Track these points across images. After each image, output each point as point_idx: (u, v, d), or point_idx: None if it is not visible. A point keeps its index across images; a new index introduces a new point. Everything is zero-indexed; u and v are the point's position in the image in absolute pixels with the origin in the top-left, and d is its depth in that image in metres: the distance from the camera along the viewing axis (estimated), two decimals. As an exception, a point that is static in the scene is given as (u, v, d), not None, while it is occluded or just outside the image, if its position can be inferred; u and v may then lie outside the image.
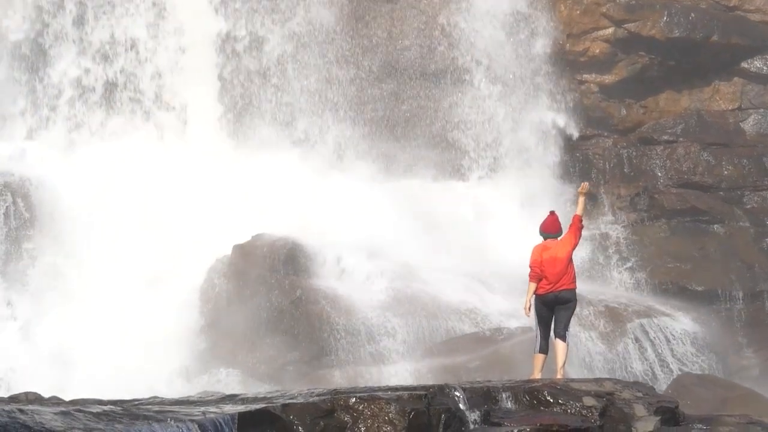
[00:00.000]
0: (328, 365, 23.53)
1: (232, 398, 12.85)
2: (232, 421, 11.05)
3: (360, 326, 24.00)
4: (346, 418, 12.22)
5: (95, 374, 22.07)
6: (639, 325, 24.96)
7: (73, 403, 11.94)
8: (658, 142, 30.26)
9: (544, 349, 16.22)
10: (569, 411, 13.65)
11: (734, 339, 26.57)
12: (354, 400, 12.34)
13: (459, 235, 27.21)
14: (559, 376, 15.72)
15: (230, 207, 25.82)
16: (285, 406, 11.90)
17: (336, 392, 12.76)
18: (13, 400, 12.90)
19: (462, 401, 13.10)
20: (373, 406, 12.30)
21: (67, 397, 13.09)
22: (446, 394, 13.06)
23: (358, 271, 25.15)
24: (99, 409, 10.91)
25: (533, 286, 16.20)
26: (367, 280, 25.03)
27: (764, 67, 30.81)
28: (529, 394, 13.83)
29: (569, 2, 30.24)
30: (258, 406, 11.80)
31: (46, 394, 13.74)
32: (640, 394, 14.41)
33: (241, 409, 11.56)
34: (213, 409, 11.49)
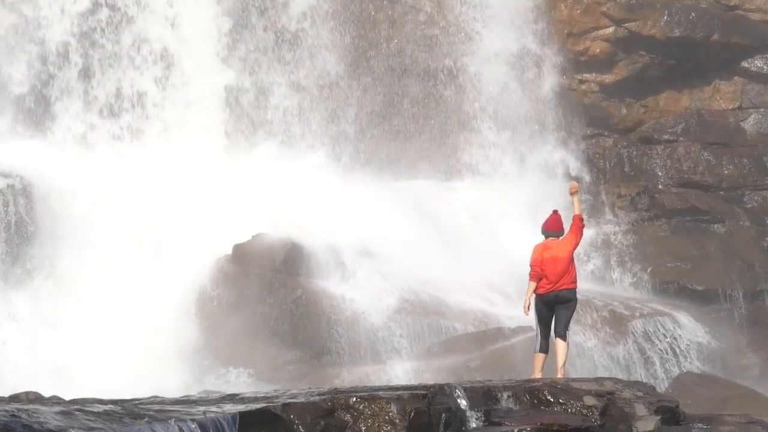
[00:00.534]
0: (329, 364, 23.55)
1: (233, 398, 12.84)
2: (233, 421, 11.05)
3: (360, 326, 24.02)
4: (347, 418, 12.22)
5: (96, 374, 22.08)
6: (639, 324, 24.96)
7: (74, 402, 11.94)
8: (659, 141, 30.25)
9: (545, 348, 16.20)
10: (570, 410, 13.64)
11: (734, 338, 26.56)
12: (354, 399, 12.34)
13: (460, 236, 27.21)
14: (559, 376, 15.72)
15: (230, 207, 25.82)
16: (285, 406, 11.89)
17: (336, 392, 12.76)
18: (14, 399, 12.90)
19: (462, 401, 13.09)
20: (373, 406, 12.29)
21: (68, 397, 13.09)
22: (447, 393, 13.05)
23: (358, 270, 25.15)
24: (99, 409, 10.92)
25: (533, 285, 16.18)
26: (367, 280, 25.03)
27: (765, 67, 30.81)
28: (530, 394, 13.83)
29: (569, 1, 30.23)
30: (258, 406, 11.80)
31: (46, 394, 13.74)
32: (640, 394, 14.40)
33: (242, 408, 11.56)
34: (213, 409, 11.49)
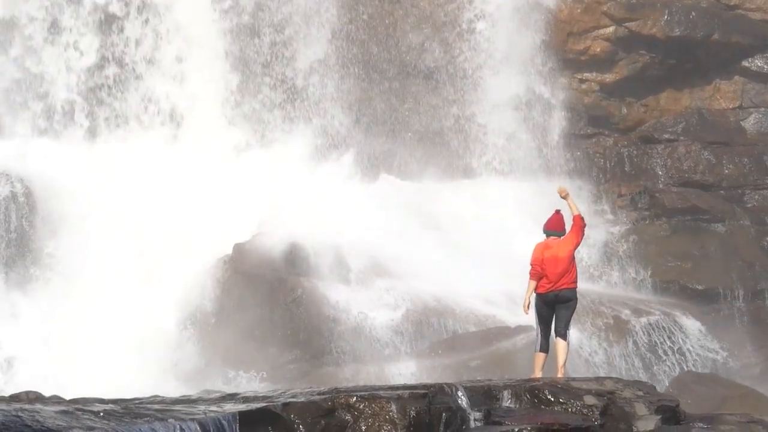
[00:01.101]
0: (329, 364, 23.55)
1: (233, 397, 12.84)
2: (233, 420, 11.05)
3: (361, 325, 24.02)
4: (347, 417, 12.22)
5: (96, 373, 22.09)
6: (639, 323, 24.96)
7: (74, 402, 11.94)
8: (659, 140, 30.24)
9: (545, 347, 16.20)
10: (570, 410, 13.65)
11: (735, 338, 26.55)
12: (355, 399, 12.33)
13: (460, 235, 27.21)
14: (559, 375, 15.72)
15: (231, 206, 25.82)
16: (286, 405, 11.89)
17: (337, 391, 12.75)
18: (14, 399, 12.90)
19: (463, 400, 13.10)
20: (374, 405, 12.29)
21: (68, 396, 13.10)
22: (447, 393, 13.05)
23: (359, 269, 25.14)
24: (100, 408, 10.92)
25: (533, 284, 16.18)
26: (367, 279, 25.03)
27: (765, 66, 30.80)
28: (530, 393, 13.83)
29: (570, 1, 30.21)
30: (259, 405, 11.80)
31: (47, 393, 13.75)
32: (640, 393, 14.40)
33: (242, 408, 11.56)
34: (214, 408, 11.50)
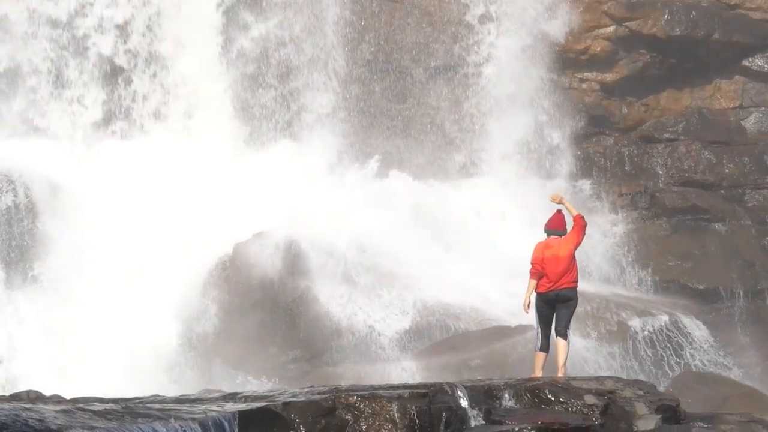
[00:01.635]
0: (329, 363, 23.54)
1: (233, 396, 12.84)
2: (234, 420, 11.05)
3: (361, 324, 24.01)
4: (348, 417, 12.21)
5: (97, 374, 22.09)
6: (640, 322, 24.95)
7: (75, 401, 11.95)
8: (659, 140, 30.22)
9: (545, 347, 16.20)
10: (570, 409, 13.65)
11: (735, 337, 26.57)
12: (355, 398, 12.33)
13: (460, 233, 27.20)
14: (560, 375, 15.72)
15: (232, 206, 25.81)
16: (286, 405, 11.89)
17: (337, 390, 12.75)
18: (15, 398, 12.92)
19: (463, 399, 13.10)
20: (374, 405, 12.29)
21: (69, 396, 13.11)
22: (447, 392, 13.06)
23: (359, 269, 25.13)
24: (100, 408, 10.92)
25: (533, 284, 16.17)
26: (368, 279, 25.02)
27: (765, 65, 30.77)
28: (531, 393, 13.83)
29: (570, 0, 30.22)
30: (259, 405, 11.81)
31: (47, 393, 13.75)
32: (641, 393, 14.41)
33: (242, 407, 11.57)
34: (214, 408, 11.50)
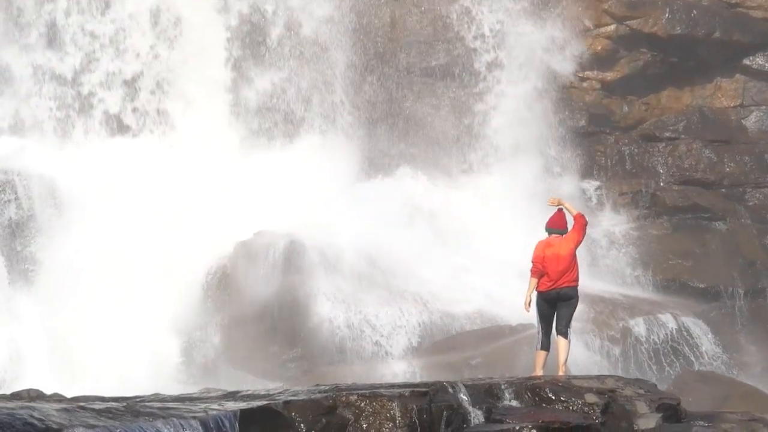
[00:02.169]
0: (330, 362, 23.54)
1: (234, 395, 12.83)
2: (234, 418, 11.04)
3: (361, 323, 24.01)
4: (348, 415, 12.20)
5: (98, 370, 22.10)
6: (641, 321, 24.95)
7: (75, 400, 11.95)
8: (660, 139, 30.21)
9: (546, 346, 16.19)
10: (571, 408, 13.65)
11: (736, 336, 26.57)
12: (356, 397, 12.32)
13: (461, 232, 27.20)
14: (561, 373, 15.72)
15: (233, 204, 25.81)
16: (287, 403, 11.88)
17: (338, 389, 12.74)
18: (15, 397, 12.92)
19: (464, 398, 13.10)
20: (375, 403, 12.28)
21: (70, 394, 13.11)
22: (448, 391, 13.05)
23: (360, 268, 25.13)
24: (101, 406, 10.91)
25: (534, 282, 16.16)
26: (368, 277, 25.02)
27: (766, 64, 30.77)
28: (531, 391, 13.83)
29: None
30: (260, 403, 11.80)
31: (48, 391, 13.76)
32: (641, 391, 14.41)
33: (243, 406, 11.56)
34: (215, 406, 11.49)
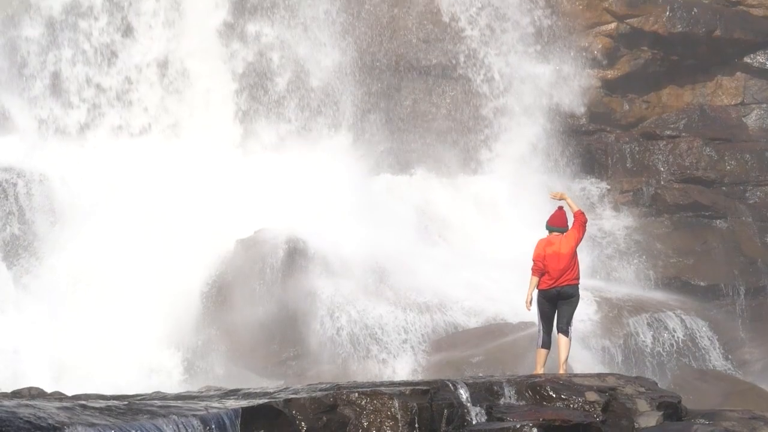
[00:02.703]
0: (331, 361, 23.53)
1: (235, 393, 12.83)
2: (235, 416, 11.05)
3: (362, 321, 24.00)
4: (349, 413, 12.20)
5: (99, 370, 22.09)
6: (641, 319, 24.94)
7: (76, 398, 11.95)
8: (661, 137, 30.21)
9: (547, 344, 16.19)
10: (572, 406, 13.65)
11: (737, 334, 26.56)
12: (357, 395, 12.32)
13: (462, 230, 27.19)
14: (561, 371, 15.72)
15: (234, 202, 25.80)
16: (287, 401, 11.88)
17: (338, 387, 12.74)
18: (16, 395, 12.92)
19: (465, 396, 13.10)
20: (375, 401, 12.28)
21: (69, 393, 13.11)
22: (449, 389, 13.06)
23: (361, 266, 25.13)
24: (101, 404, 10.92)
25: (535, 281, 16.16)
26: (369, 275, 25.01)
27: (767, 62, 30.78)
28: (532, 389, 13.84)
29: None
30: (261, 401, 11.80)
31: (48, 390, 13.77)
32: (642, 389, 14.42)
33: (244, 404, 11.56)
34: (215, 405, 11.49)
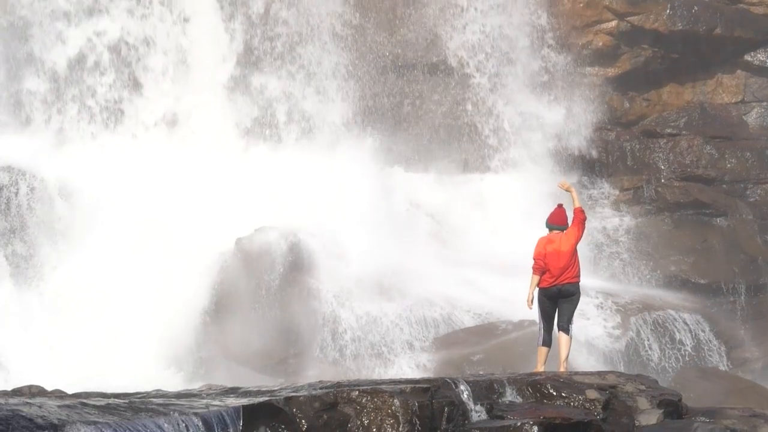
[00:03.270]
0: (331, 359, 23.54)
1: (235, 391, 12.83)
2: (236, 414, 11.05)
3: (363, 320, 24.01)
4: (349, 412, 12.19)
5: (99, 369, 22.09)
6: (642, 317, 24.95)
7: (77, 396, 11.95)
8: (662, 135, 30.22)
9: (548, 342, 16.19)
10: (572, 404, 13.65)
11: (737, 332, 26.57)
12: (357, 393, 12.30)
13: (462, 229, 27.18)
14: (562, 369, 15.72)
15: (234, 201, 25.80)
16: (288, 399, 11.87)
17: (339, 385, 12.72)
18: (17, 393, 12.92)
19: (465, 394, 13.09)
20: (376, 400, 12.27)
21: (70, 391, 13.10)
22: (450, 387, 13.05)
23: (361, 265, 25.13)
24: (102, 402, 10.92)
25: (536, 279, 16.16)
26: (369, 274, 25.02)
27: (767, 60, 30.79)
28: (533, 387, 13.83)
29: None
30: (261, 399, 11.79)
31: (49, 388, 13.76)
32: (643, 387, 14.41)
33: (245, 402, 11.55)
34: (216, 402, 11.49)
